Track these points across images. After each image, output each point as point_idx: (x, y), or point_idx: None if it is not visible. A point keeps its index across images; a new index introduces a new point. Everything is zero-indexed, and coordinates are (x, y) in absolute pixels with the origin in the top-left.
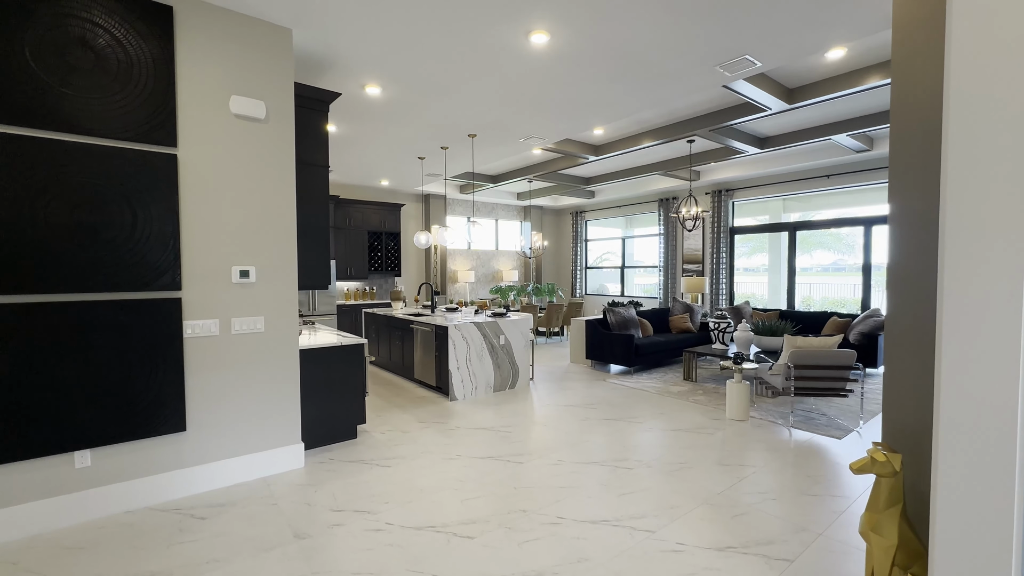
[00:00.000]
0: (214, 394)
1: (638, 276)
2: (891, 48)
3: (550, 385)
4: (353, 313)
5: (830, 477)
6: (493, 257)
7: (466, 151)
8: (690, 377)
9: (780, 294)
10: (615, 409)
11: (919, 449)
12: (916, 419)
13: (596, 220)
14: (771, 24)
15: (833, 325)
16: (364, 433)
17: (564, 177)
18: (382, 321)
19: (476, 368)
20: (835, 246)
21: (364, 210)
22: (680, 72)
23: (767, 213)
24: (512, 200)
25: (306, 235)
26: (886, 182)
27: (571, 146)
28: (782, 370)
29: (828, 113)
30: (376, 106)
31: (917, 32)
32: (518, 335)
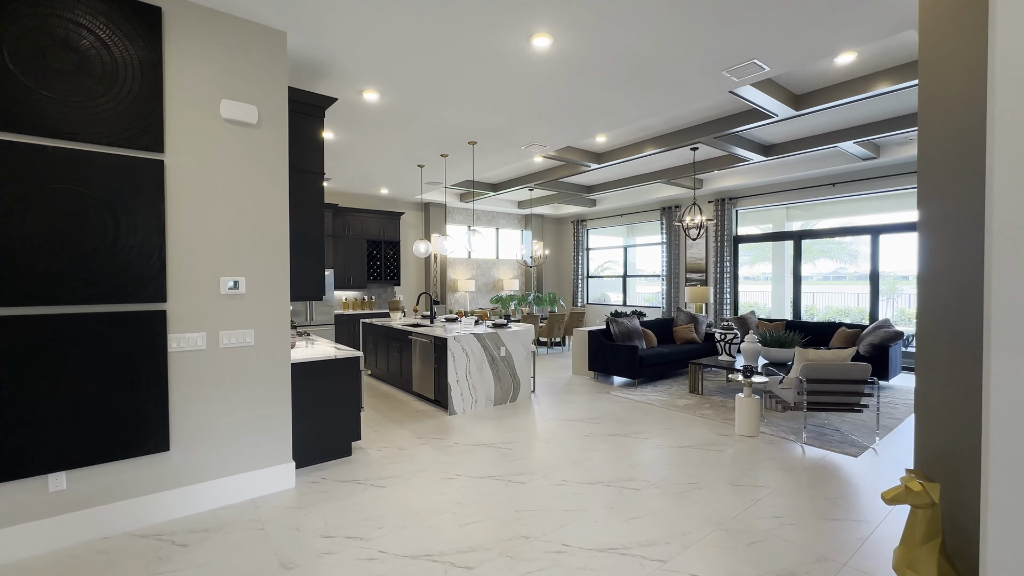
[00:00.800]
0: (200, 411)
1: (640, 285)
2: (918, 49)
3: (552, 398)
4: (351, 323)
5: (849, 500)
6: (494, 266)
7: (466, 159)
8: (696, 390)
9: (783, 303)
10: (620, 424)
11: (957, 475)
12: (953, 441)
13: (597, 228)
14: (781, 27)
15: (842, 336)
16: (359, 450)
17: (565, 185)
18: (380, 332)
19: (476, 381)
20: (837, 255)
21: (363, 218)
22: (685, 77)
23: (770, 222)
24: (513, 208)
25: (300, 244)
26: (893, 190)
27: (573, 154)
28: (794, 384)
29: (834, 120)
30: (374, 112)
31: (945, 31)
32: (519, 346)
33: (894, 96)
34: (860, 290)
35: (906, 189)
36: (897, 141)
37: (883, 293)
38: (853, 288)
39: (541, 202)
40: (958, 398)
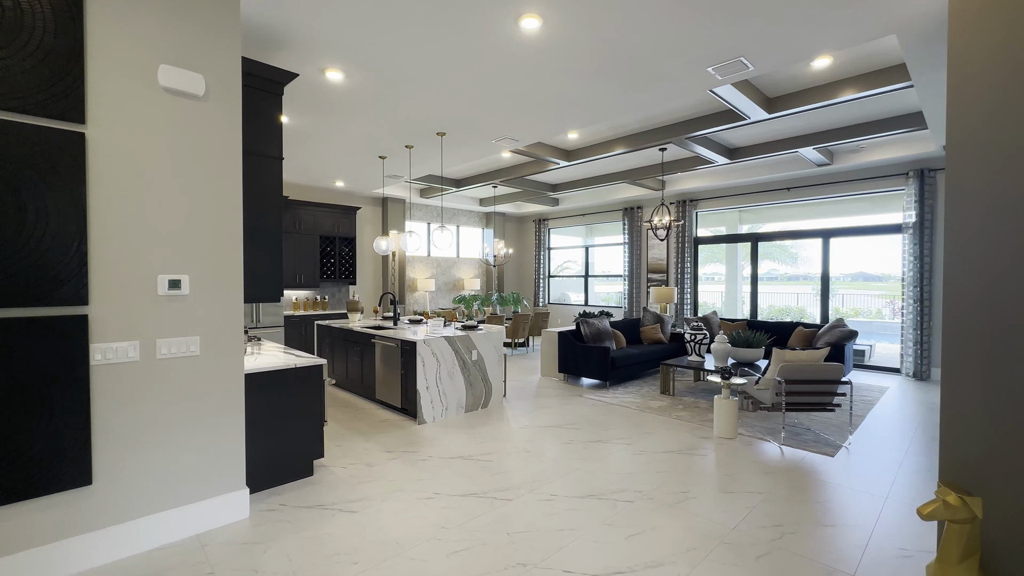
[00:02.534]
0: (132, 435)
1: (598, 285)
2: (947, 45)
3: (524, 403)
4: (303, 325)
5: (839, 503)
6: (454, 265)
7: (433, 151)
8: (667, 391)
9: (736, 303)
10: (598, 429)
11: (990, 487)
12: (984, 450)
13: (559, 228)
14: (775, 22)
15: (800, 336)
16: (322, 469)
17: (530, 183)
18: (337, 335)
19: (447, 387)
20: (781, 257)
21: (316, 213)
22: (672, 72)
23: (724, 224)
24: (474, 206)
25: (254, 238)
26: (844, 195)
27: (543, 150)
28: (771, 385)
29: (798, 126)
30: (337, 95)
31: (975, 26)
32: (491, 349)
33: (857, 104)
34: (799, 290)
35: (855, 195)
36: (850, 149)
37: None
38: (793, 288)
39: (504, 200)
40: (991, 403)
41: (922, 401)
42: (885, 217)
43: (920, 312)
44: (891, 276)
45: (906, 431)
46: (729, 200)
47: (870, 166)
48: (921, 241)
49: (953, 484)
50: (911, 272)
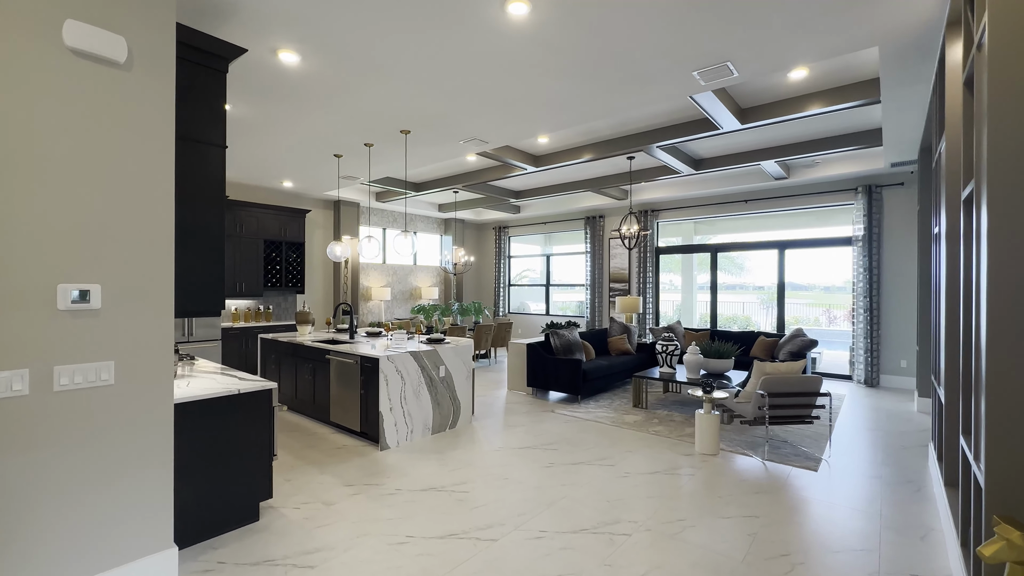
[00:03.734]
0: (19, 493)
1: (557, 294)
2: (988, 38)
3: (494, 421)
4: (243, 339)
5: (840, 525)
6: (411, 273)
7: (395, 151)
8: (640, 404)
9: (692, 313)
10: (577, 449)
11: None
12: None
13: (520, 236)
14: (764, 28)
15: (762, 345)
16: (270, 512)
17: (493, 189)
18: (285, 350)
19: (412, 407)
20: (728, 268)
21: (260, 215)
22: (657, 75)
23: (680, 235)
24: (433, 211)
25: (190, 240)
26: (798, 209)
27: (511, 154)
28: (751, 398)
29: (761, 139)
30: (290, 81)
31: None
32: (460, 364)
33: (820, 119)
34: (745, 299)
35: (808, 208)
36: (805, 164)
37: (763, 303)
38: (739, 298)
39: (465, 206)
40: None
41: (879, 408)
42: (836, 230)
43: (870, 321)
44: (829, 286)
45: (875, 440)
46: (689, 211)
47: (823, 181)
48: (870, 253)
49: (1012, 519)
50: (861, 283)
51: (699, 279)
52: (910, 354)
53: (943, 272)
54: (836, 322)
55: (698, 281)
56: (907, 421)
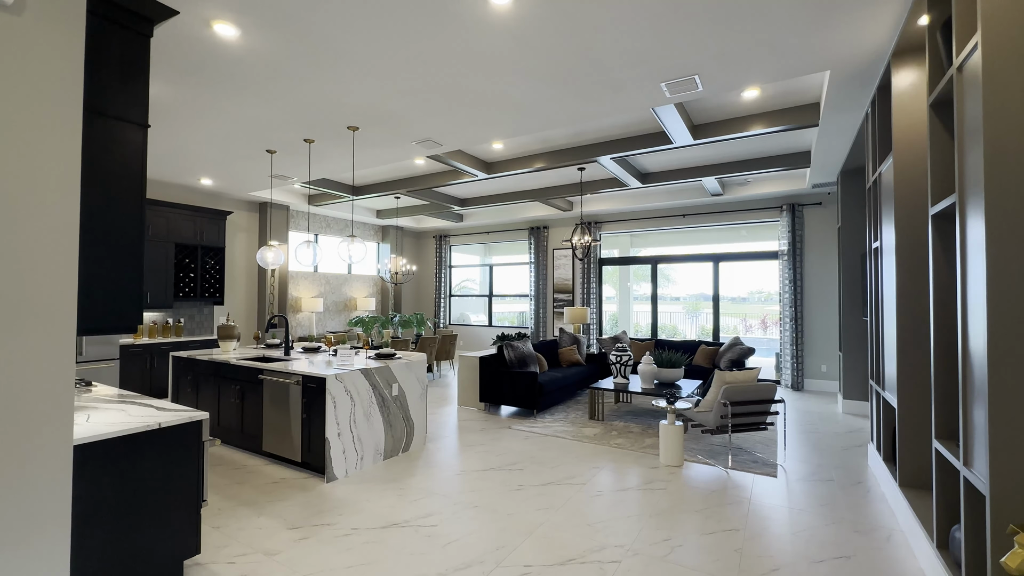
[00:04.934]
0: None
1: (499, 304)
2: (982, 57)
3: (449, 441)
4: (149, 357)
5: (812, 533)
6: (346, 282)
7: (339, 149)
8: (596, 416)
9: (628, 323)
10: (544, 468)
11: None
12: None
13: (462, 245)
14: (734, 43)
15: (704, 354)
16: (198, 571)
17: (438, 196)
18: (205, 370)
19: (363, 431)
20: (659, 279)
21: (171, 216)
22: (626, 83)
23: (617, 247)
24: (370, 217)
25: (101, 238)
26: (731, 224)
27: (463, 159)
28: (713, 407)
29: (705, 155)
30: (225, 59)
31: (1013, 38)
32: (413, 382)
33: (756, 140)
34: (672, 310)
35: (740, 224)
36: (738, 182)
37: (689, 312)
38: (667, 308)
39: (406, 213)
40: None
41: (810, 411)
42: (764, 244)
43: (795, 329)
44: (746, 296)
45: (817, 443)
46: (631, 224)
47: (753, 199)
48: (794, 266)
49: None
50: (787, 293)
51: (634, 290)
52: (830, 359)
53: (889, 284)
54: (752, 330)
55: (634, 292)
56: (838, 423)
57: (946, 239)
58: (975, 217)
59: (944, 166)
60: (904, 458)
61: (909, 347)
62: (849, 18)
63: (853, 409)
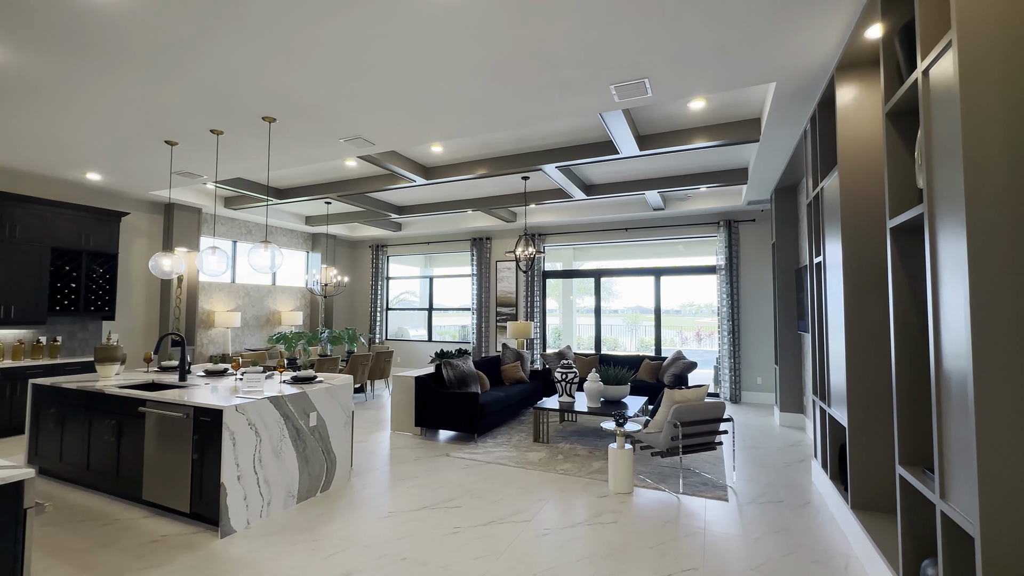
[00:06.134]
0: None
1: (439, 318)
2: (958, 69)
3: (378, 475)
4: (8, 385)
5: (773, 567)
6: (269, 294)
7: (255, 144)
8: (540, 438)
9: (571, 337)
10: (485, 503)
11: None
12: None
13: (400, 256)
14: (687, 47)
15: (647, 368)
16: None
17: (374, 202)
18: (75, 400)
19: (272, 471)
20: (592, 292)
21: (47, 215)
22: (575, 83)
23: (560, 260)
24: (298, 224)
25: None
26: (672, 238)
27: (399, 162)
28: (663, 427)
29: (648, 168)
30: (99, 21)
31: (991, 54)
32: (336, 409)
33: (697, 156)
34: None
35: (680, 239)
36: (679, 197)
37: (628, 326)
38: (608, 321)
39: (338, 220)
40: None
41: (750, 424)
42: (703, 259)
43: (733, 343)
44: (678, 310)
45: (760, 459)
46: (574, 236)
47: (692, 214)
48: (731, 281)
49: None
50: (725, 307)
51: (577, 303)
52: (766, 372)
53: (835, 299)
54: (688, 342)
55: (577, 305)
56: (776, 436)
57: (907, 252)
58: (952, 230)
59: (903, 178)
60: (856, 480)
61: (860, 364)
62: (799, 27)
63: (789, 422)
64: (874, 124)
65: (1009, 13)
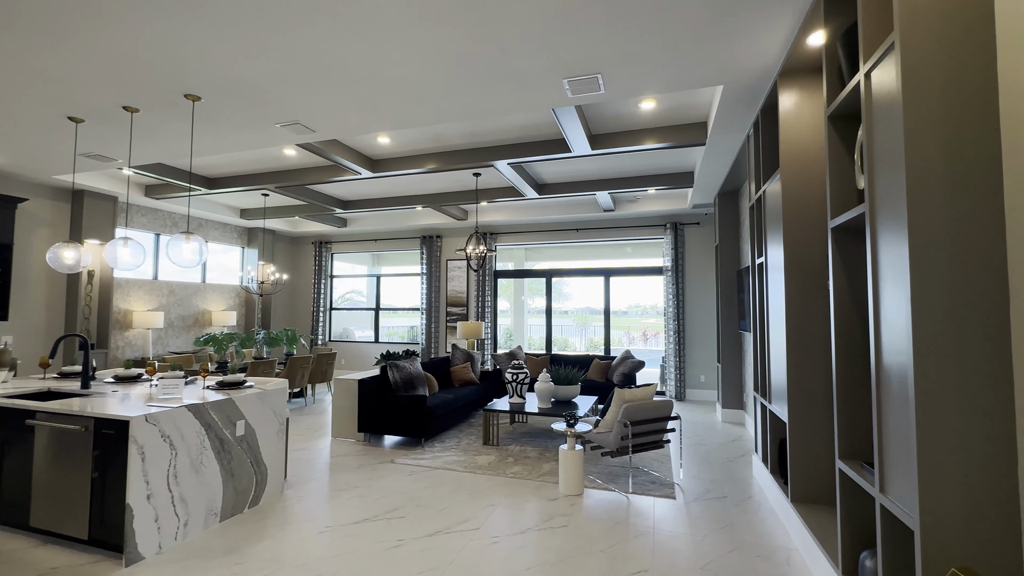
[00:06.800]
0: None
1: (387, 318)
2: (901, 68)
3: (316, 485)
4: None
5: (720, 564)
6: (197, 293)
7: (178, 125)
8: (490, 440)
9: (523, 337)
10: (431, 512)
11: (995, 559)
12: (979, 513)
13: (345, 253)
14: (642, 43)
15: (597, 368)
16: None
17: (316, 196)
18: None
19: (189, 487)
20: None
21: None
22: (530, 76)
23: (512, 260)
24: (231, 217)
25: None
26: (622, 240)
27: (343, 152)
28: (613, 427)
29: (600, 169)
30: None
31: (932, 50)
32: (268, 416)
33: (647, 157)
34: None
35: (630, 240)
36: (628, 199)
37: (579, 326)
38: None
39: (277, 214)
40: (975, 433)
41: (694, 421)
42: (651, 261)
43: (678, 342)
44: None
45: (705, 455)
46: (526, 236)
47: (641, 216)
48: (677, 282)
49: (969, 571)
50: (671, 308)
51: (528, 304)
52: (709, 370)
53: (777, 298)
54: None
55: (528, 306)
56: (719, 432)
57: (847, 251)
58: (892, 228)
59: (843, 179)
60: (796, 474)
61: (800, 362)
62: (745, 32)
63: (731, 418)
64: (814, 130)
65: (949, 14)
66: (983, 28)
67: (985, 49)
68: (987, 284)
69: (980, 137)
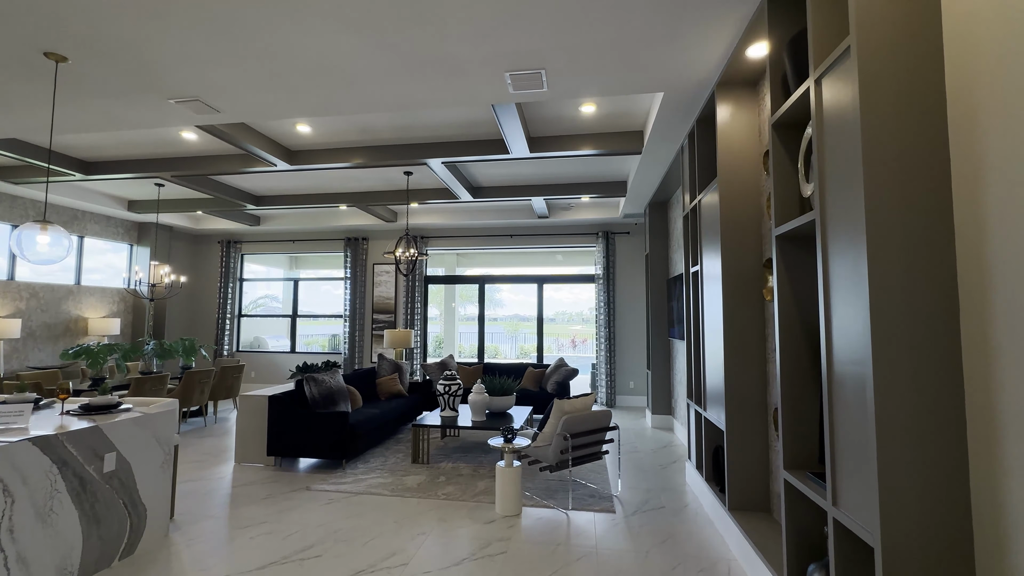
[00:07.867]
0: None
1: (306, 326)
2: (857, 56)
3: (212, 524)
4: None
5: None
6: (70, 296)
7: (37, 91)
8: (420, 458)
9: (453, 345)
10: (353, 548)
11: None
12: (932, 513)
13: (258, 255)
14: (586, 39)
15: (530, 376)
16: None
17: (223, 188)
18: None
19: (33, 542)
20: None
21: None
22: (468, 65)
23: (443, 266)
24: (117, 209)
25: None
26: (555, 247)
27: (254, 139)
28: (552, 440)
29: (535, 174)
30: None
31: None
32: (149, 445)
33: (581, 164)
34: (494, 330)
35: (563, 247)
36: (562, 206)
37: (509, 333)
38: (490, 329)
39: (176, 207)
40: (936, 454)
41: (626, 428)
42: (582, 268)
43: (609, 349)
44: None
45: (639, 463)
46: (458, 241)
47: (574, 224)
48: (608, 290)
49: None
50: (603, 315)
51: (460, 311)
52: (638, 377)
53: (713, 306)
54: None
55: (459, 313)
56: (650, 438)
57: (791, 259)
58: (845, 236)
59: (788, 187)
60: (733, 482)
61: (738, 370)
62: (687, 39)
63: (660, 423)
64: (751, 140)
65: (901, 21)
66: (932, 35)
67: (934, 56)
68: (939, 292)
69: (931, 143)
